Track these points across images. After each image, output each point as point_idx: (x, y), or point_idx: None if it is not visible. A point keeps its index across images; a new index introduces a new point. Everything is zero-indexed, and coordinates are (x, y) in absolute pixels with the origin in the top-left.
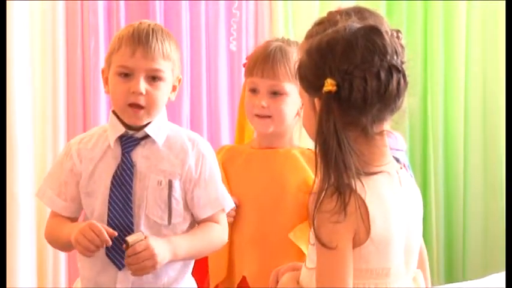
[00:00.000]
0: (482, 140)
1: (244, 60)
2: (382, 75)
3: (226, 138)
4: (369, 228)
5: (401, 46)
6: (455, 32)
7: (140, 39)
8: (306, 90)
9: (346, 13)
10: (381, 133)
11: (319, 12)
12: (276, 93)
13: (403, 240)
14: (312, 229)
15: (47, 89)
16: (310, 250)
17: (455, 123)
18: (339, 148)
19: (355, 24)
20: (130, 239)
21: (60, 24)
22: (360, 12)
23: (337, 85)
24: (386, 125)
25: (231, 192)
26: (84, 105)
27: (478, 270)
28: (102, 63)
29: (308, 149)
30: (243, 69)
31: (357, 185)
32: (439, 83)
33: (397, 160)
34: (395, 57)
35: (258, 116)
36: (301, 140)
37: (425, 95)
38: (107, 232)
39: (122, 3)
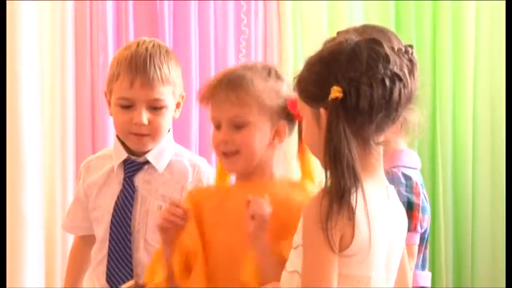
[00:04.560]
0: (491, 154)
1: None
2: (387, 82)
3: None
4: (353, 233)
5: (411, 61)
6: (464, 32)
7: (138, 68)
8: (307, 102)
9: (356, 32)
10: (379, 144)
11: (328, 28)
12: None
13: (385, 253)
14: (301, 231)
15: (55, 106)
16: (291, 254)
17: (464, 139)
18: (350, 154)
19: (354, 37)
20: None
21: (69, 41)
22: (369, 31)
23: (344, 92)
24: (402, 142)
25: (204, 238)
26: (93, 123)
27: (486, 279)
28: None
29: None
30: None
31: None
32: (448, 96)
33: (410, 178)
34: (396, 67)
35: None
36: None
37: (434, 110)
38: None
39: (131, 21)
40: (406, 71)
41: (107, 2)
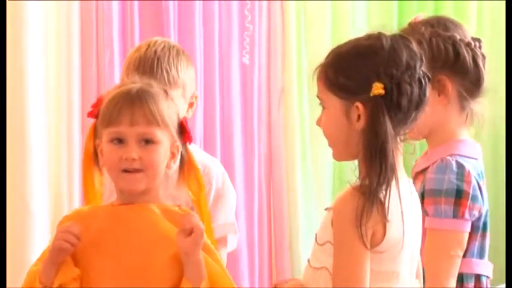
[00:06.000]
0: (492, 153)
1: (256, 73)
2: (423, 81)
3: (239, 148)
4: (385, 231)
5: (483, 56)
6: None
7: (145, 72)
8: (337, 94)
9: (430, 24)
10: (402, 141)
11: (331, 26)
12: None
13: (411, 246)
14: (327, 228)
15: (61, 102)
16: (316, 250)
17: None
18: (392, 151)
19: (384, 33)
20: None
21: (75, 39)
22: (443, 23)
23: (385, 89)
24: (465, 133)
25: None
26: None
27: None
28: (117, 76)
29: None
30: (255, 82)
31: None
32: None
33: (462, 167)
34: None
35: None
36: None
37: None
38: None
39: (136, 19)
40: (481, 64)
41: (112, 1)
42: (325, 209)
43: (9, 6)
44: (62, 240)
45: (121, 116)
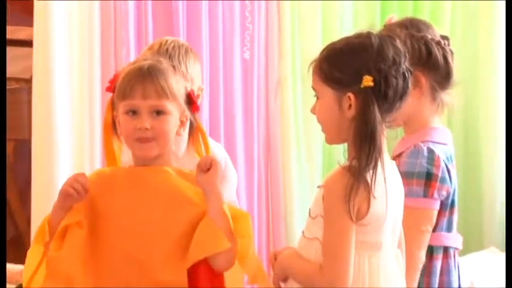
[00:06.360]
0: (464, 151)
1: (256, 68)
2: (406, 75)
3: (240, 134)
4: (369, 206)
5: (451, 52)
6: (440, 29)
7: None
8: (331, 85)
9: (405, 26)
10: (387, 127)
11: (321, 25)
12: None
13: (393, 218)
14: (318, 203)
15: (84, 94)
16: (309, 222)
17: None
18: (379, 136)
19: (372, 32)
20: None
21: (96, 37)
22: (416, 24)
23: (374, 81)
24: (437, 120)
25: (99, 217)
26: None
27: None
28: None
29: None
30: (255, 75)
31: (379, 168)
32: None
33: (432, 152)
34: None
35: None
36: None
37: None
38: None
39: (149, 19)
40: (450, 59)
41: (129, 2)
42: (318, 187)
43: (37, 6)
44: (68, 186)
45: (134, 91)
